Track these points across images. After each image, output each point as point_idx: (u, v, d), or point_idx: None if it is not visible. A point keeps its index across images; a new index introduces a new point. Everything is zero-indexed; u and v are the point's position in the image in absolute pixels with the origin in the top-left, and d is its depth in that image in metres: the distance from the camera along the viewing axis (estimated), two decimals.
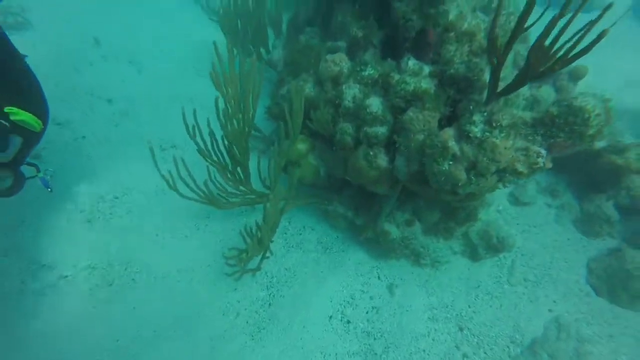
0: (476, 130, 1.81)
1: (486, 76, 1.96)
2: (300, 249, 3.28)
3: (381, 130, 2.22)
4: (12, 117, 1.96)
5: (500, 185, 2.03)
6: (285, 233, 3.36)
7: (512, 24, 3.04)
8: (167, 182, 2.25)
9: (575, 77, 3.51)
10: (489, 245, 3.13)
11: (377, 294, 3.11)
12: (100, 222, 3.12)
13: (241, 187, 2.68)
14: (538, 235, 3.49)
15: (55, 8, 4.96)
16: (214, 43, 2.15)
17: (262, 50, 4.41)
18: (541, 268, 3.29)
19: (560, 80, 3.47)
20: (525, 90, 3.36)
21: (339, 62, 2.54)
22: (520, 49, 3.31)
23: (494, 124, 1.77)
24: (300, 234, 3.39)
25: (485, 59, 2.01)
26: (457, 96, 2.03)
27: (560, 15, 1.45)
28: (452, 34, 2.03)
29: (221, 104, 2.31)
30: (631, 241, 3.07)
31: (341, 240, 3.37)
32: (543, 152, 1.91)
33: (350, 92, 2.39)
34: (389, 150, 2.29)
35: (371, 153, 2.24)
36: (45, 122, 2.20)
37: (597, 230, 3.24)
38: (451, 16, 2.48)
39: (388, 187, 2.40)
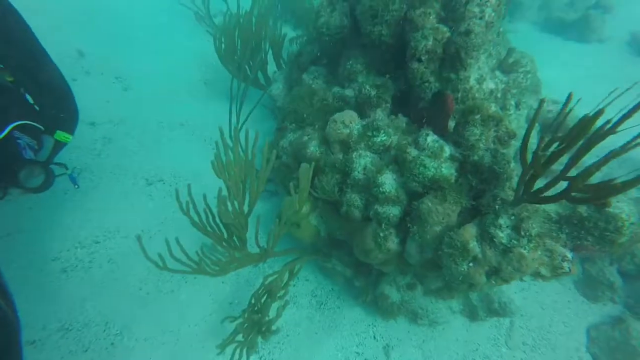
0: (502, 235, 1.66)
1: (513, 168, 1.80)
2: (294, 304, 3.09)
3: (394, 211, 2.04)
4: (55, 137, 2.39)
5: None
6: None
7: (528, 82, 2.91)
8: (156, 264, 2.01)
9: None
10: (490, 309, 3.02)
11: (373, 355, 2.96)
12: (77, 272, 2.85)
13: (236, 254, 2.47)
14: (538, 294, 3.40)
15: (37, 16, 4.57)
16: (220, 129, 1.92)
17: (260, 74, 4.17)
18: (540, 331, 3.20)
19: None
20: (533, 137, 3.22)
21: (349, 123, 2.35)
22: (534, 103, 3.19)
23: (522, 233, 1.62)
24: (294, 286, 3.20)
25: (512, 148, 1.86)
26: (480, 186, 1.87)
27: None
28: (477, 117, 1.86)
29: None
30: (634, 310, 3.01)
31: (336, 294, 3.20)
32: (569, 255, 1.77)
33: (362, 162, 2.20)
34: (399, 230, 2.11)
35: (381, 235, 2.06)
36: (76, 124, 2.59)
37: (598, 295, 3.17)
38: (472, 81, 2.32)
39: (396, 267, 2.24)
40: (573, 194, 1.43)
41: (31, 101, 2.34)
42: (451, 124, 2.27)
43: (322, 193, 2.33)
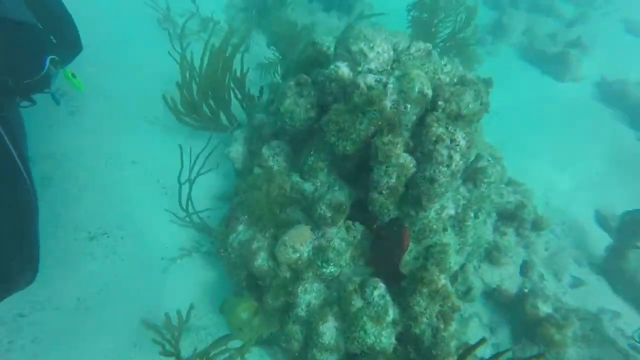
0: None
1: (452, 352, 1.79)
2: None
3: (331, 359, 2.01)
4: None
5: None
6: None
7: (490, 191, 2.87)
8: None
9: (539, 227, 3.49)
10: None
11: None
12: None
13: None
14: None
15: None
16: None
17: (222, 115, 3.88)
18: None
19: (524, 228, 3.43)
20: (488, 236, 3.27)
21: (299, 247, 2.24)
22: (495, 198, 3.18)
23: None
24: None
25: (453, 328, 1.84)
26: (417, 359, 1.86)
27: None
28: (425, 290, 1.81)
29: None
30: None
31: None
32: None
33: (306, 298, 2.13)
34: None
35: None
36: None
37: None
38: (431, 215, 2.25)
39: None
40: None
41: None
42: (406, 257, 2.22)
43: (267, 308, 2.25)
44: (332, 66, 2.35)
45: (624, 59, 7.57)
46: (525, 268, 3.64)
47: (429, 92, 2.10)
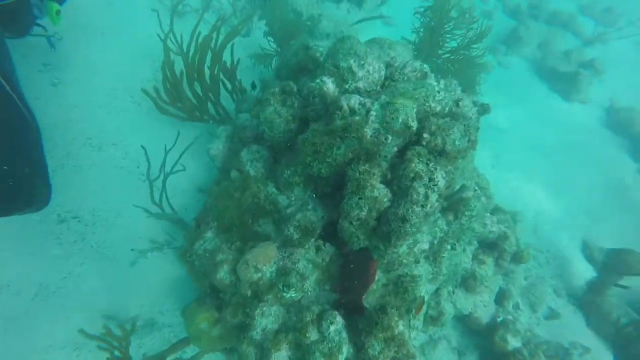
0: None
1: None
2: None
3: None
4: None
5: None
6: None
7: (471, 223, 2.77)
8: None
9: (518, 260, 3.42)
10: None
11: None
12: None
13: None
14: None
15: None
16: None
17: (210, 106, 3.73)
18: None
19: (504, 260, 3.35)
20: (466, 264, 3.20)
21: (262, 266, 2.15)
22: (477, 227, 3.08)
23: None
24: None
25: None
26: None
27: None
28: (381, 335, 1.73)
29: None
30: None
31: None
32: None
33: (263, 322, 2.06)
34: None
35: None
36: None
37: None
38: (402, 250, 2.16)
39: None
40: None
41: None
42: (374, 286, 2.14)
43: (226, 322, 2.19)
44: (317, 80, 2.21)
45: (636, 85, 7.35)
46: (501, 297, 3.59)
47: (414, 125, 1.97)
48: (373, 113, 1.93)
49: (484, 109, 3.08)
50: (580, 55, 7.04)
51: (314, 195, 2.46)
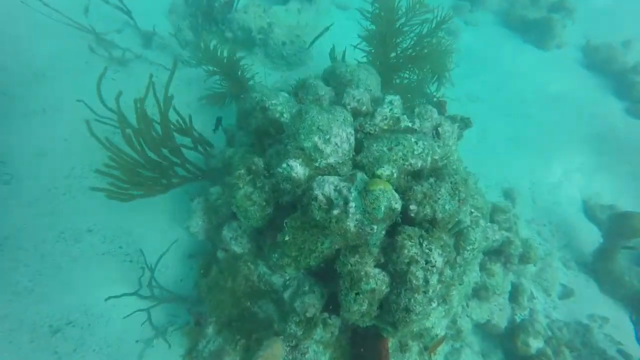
0: None
1: None
2: None
3: None
4: None
5: None
6: None
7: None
8: None
9: (526, 261, 3.35)
10: None
11: None
12: None
13: None
14: None
15: None
16: None
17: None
18: None
19: (512, 263, 3.28)
20: (476, 278, 3.14)
21: None
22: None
23: None
24: None
25: None
26: None
27: None
28: None
29: None
30: None
31: None
32: None
33: None
34: None
35: None
36: None
37: None
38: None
39: None
40: None
41: None
42: None
43: None
44: (284, 165, 2.00)
45: (610, 15, 7.07)
46: (515, 293, 3.55)
47: (398, 206, 1.80)
48: (352, 204, 1.75)
49: (465, 124, 2.89)
50: None
51: (308, 274, 2.31)
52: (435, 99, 4.34)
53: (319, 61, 5.50)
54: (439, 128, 2.50)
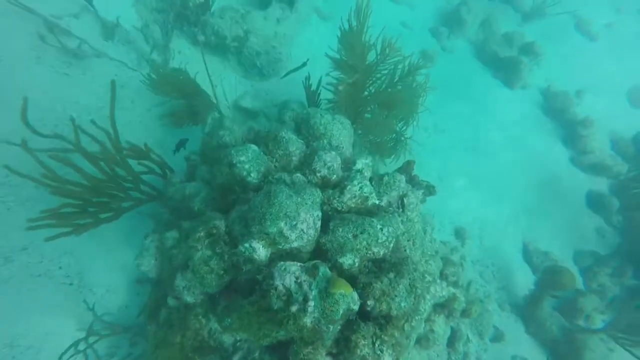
0: None
1: None
2: None
3: None
4: None
5: None
6: None
7: None
8: None
9: (467, 315, 3.57)
10: None
11: None
12: None
13: None
14: None
15: None
16: None
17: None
18: None
19: (454, 317, 3.49)
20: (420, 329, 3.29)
21: None
22: None
23: None
24: None
25: None
26: None
27: None
28: None
29: None
30: None
31: None
32: None
33: None
34: None
35: None
36: None
37: None
38: None
39: None
40: None
41: None
42: None
43: None
44: (247, 245, 1.95)
45: (571, 63, 7.52)
46: (452, 339, 3.80)
47: (356, 307, 1.83)
48: (311, 303, 1.75)
49: (429, 191, 2.96)
50: (521, 38, 6.95)
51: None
52: (403, 138, 4.43)
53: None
54: (404, 199, 2.55)
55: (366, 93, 3.82)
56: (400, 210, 2.55)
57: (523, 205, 5.64)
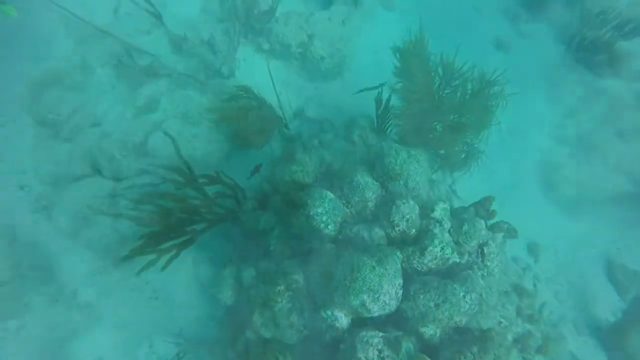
0: None
1: None
2: None
3: None
4: None
5: None
6: None
7: None
8: None
9: (543, 352, 3.40)
10: None
11: None
12: None
13: None
14: None
15: None
16: None
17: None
18: None
19: (527, 352, 3.34)
20: None
21: None
22: None
23: None
24: None
25: None
26: None
27: None
28: None
29: None
30: None
31: None
32: None
33: None
34: None
35: None
36: None
37: None
38: None
39: None
40: None
41: None
42: None
43: None
44: (328, 312, 1.98)
45: None
46: None
47: None
48: None
49: (510, 234, 2.78)
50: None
51: None
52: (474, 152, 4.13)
53: (356, 74, 5.12)
54: (484, 247, 2.41)
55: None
56: (480, 260, 2.42)
57: (604, 217, 5.06)
